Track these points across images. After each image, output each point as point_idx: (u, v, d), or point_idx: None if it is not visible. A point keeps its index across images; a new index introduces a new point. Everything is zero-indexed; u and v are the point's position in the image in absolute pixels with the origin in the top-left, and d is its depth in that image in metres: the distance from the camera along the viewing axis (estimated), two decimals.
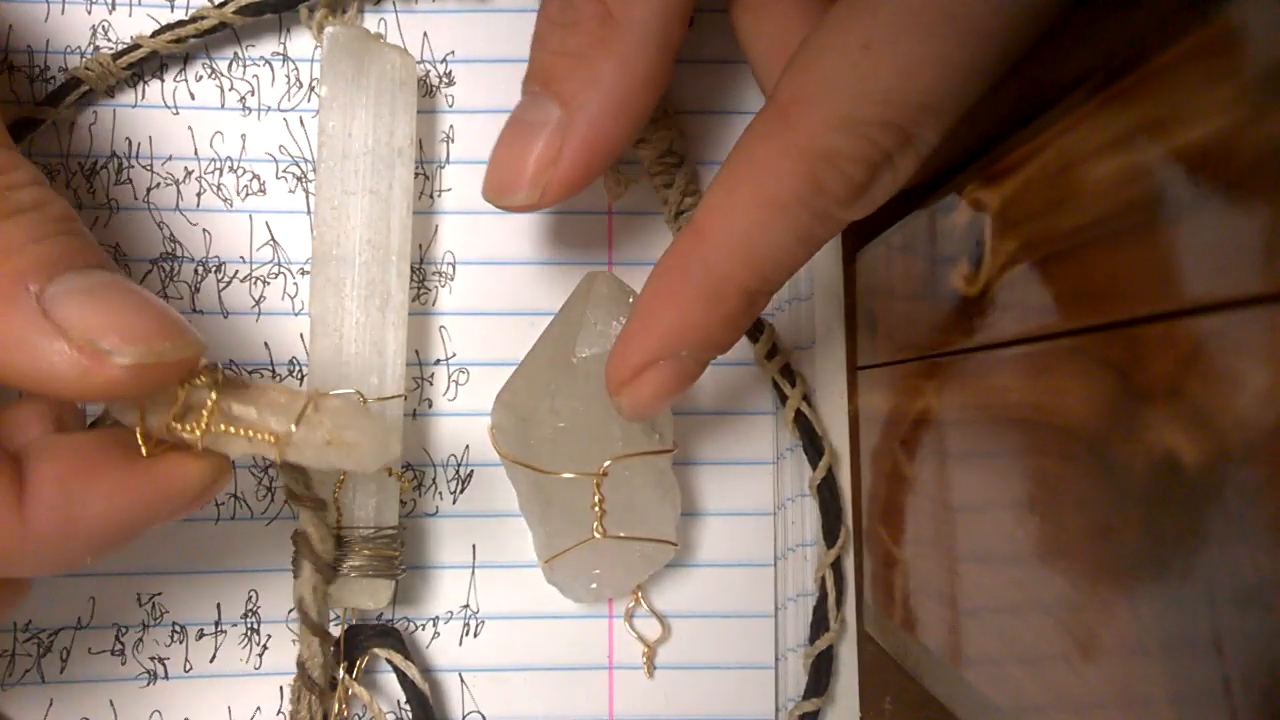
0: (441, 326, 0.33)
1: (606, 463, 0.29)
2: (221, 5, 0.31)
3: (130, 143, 0.32)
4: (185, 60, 0.33)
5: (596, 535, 0.29)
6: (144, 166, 0.32)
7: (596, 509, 0.29)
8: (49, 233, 0.21)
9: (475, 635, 0.32)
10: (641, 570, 0.31)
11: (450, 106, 0.33)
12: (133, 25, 0.32)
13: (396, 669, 0.30)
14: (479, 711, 0.32)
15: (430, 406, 0.33)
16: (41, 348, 0.19)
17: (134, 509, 0.21)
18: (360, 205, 0.30)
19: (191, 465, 0.22)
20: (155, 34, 0.31)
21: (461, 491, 0.32)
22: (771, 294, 0.24)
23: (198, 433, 0.22)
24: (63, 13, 0.32)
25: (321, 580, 0.29)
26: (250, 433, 0.22)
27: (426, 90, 0.33)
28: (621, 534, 0.29)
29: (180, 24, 0.31)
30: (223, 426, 0.22)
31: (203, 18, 0.31)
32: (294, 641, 0.31)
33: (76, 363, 0.20)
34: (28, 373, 0.20)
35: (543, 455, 0.29)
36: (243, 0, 0.31)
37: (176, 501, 0.22)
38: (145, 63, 0.32)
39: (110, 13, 0.32)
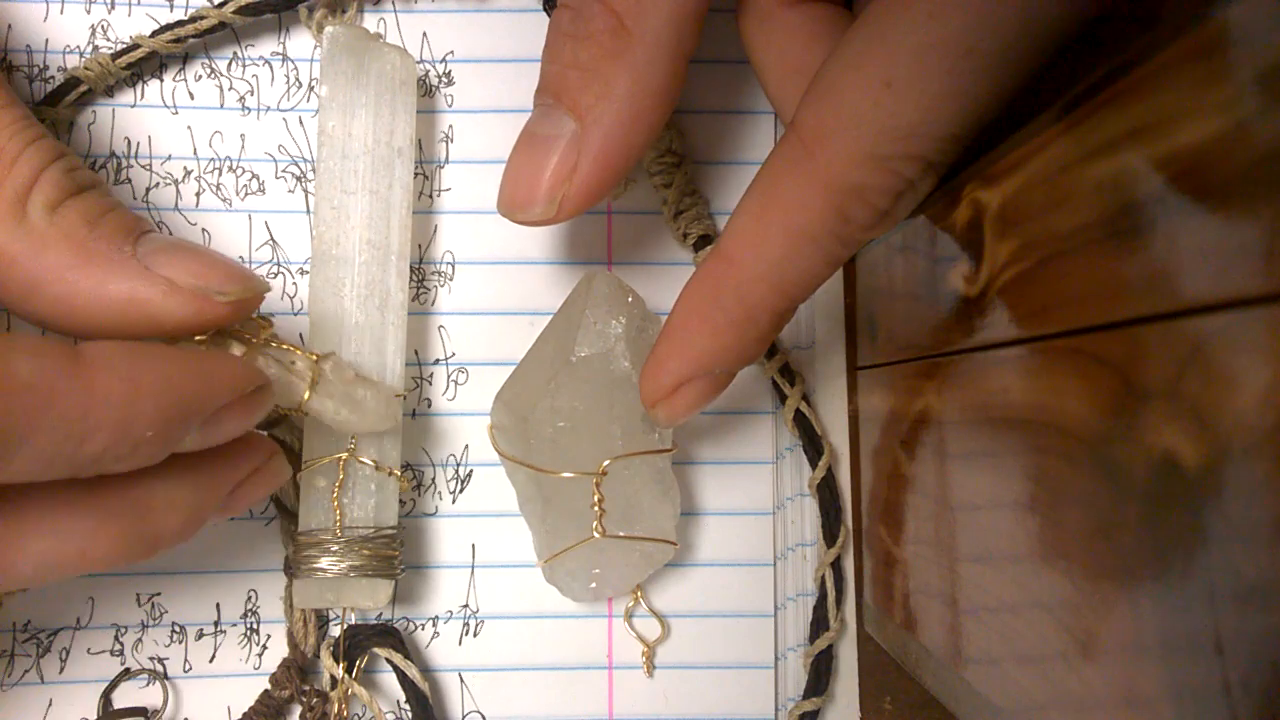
0: (441, 326, 0.33)
1: (606, 462, 0.29)
2: (221, 5, 0.31)
3: (129, 142, 0.32)
4: (184, 60, 0.33)
5: (596, 535, 0.29)
6: (143, 166, 0.32)
7: (596, 508, 0.29)
8: (114, 205, 0.25)
9: (475, 635, 0.32)
10: (641, 569, 0.31)
11: (450, 106, 0.33)
12: (132, 25, 0.32)
13: (396, 668, 0.30)
14: (478, 711, 0.32)
15: (429, 406, 0.33)
16: (155, 298, 0.23)
17: (189, 381, 0.22)
18: (360, 205, 0.30)
19: (233, 358, 0.25)
20: (155, 34, 0.31)
21: (461, 491, 0.32)
22: (797, 308, 0.25)
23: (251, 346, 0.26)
24: (62, 12, 0.32)
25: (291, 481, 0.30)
26: (286, 360, 0.26)
27: (426, 90, 0.33)
28: (621, 534, 0.29)
29: (179, 24, 0.31)
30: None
31: (202, 18, 0.31)
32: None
33: (187, 304, 0.23)
34: (144, 319, 0.23)
35: (542, 454, 0.29)
36: (242, 0, 0.31)
37: (226, 383, 0.23)
38: (144, 62, 0.32)
39: (109, 12, 0.32)
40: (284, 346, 0.26)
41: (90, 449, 0.20)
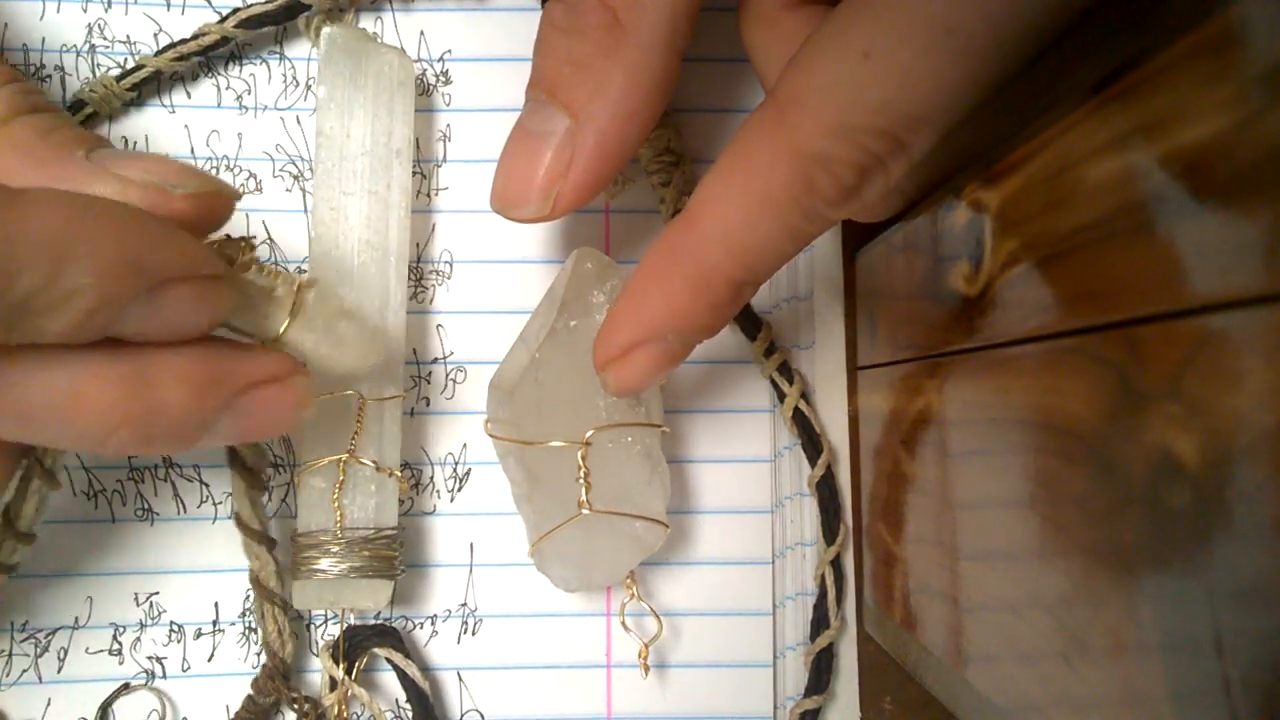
0: (439, 325, 0.33)
1: (590, 432, 0.28)
2: (223, 20, 0.31)
3: (126, 141, 0.32)
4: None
5: (584, 511, 0.28)
6: None
7: (582, 481, 0.28)
8: (69, 123, 0.25)
9: (473, 634, 0.32)
10: (632, 554, 0.30)
11: (447, 105, 0.33)
12: (129, 23, 0.32)
13: (396, 667, 0.30)
14: (477, 710, 0.32)
15: (428, 405, 0.33)
16: (108, 195, 0.23)
17: (133, 236, 0.21)
18: (358, 206, 0.30)
19: (188, 235, 0.23)
20: (159, 53, 0.31)
21: (459, 490, 0.32)
22: (759, 284, 0.25)
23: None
24: (59, 11, 0.32)
25: (256, 491, 0.31)
26: (267, 285, 0.25)
27: (423, 89, 0.33)
28: (609, 510, 0.29)
29: (183, 42, 0.31)
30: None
31: (205, 34, 0.31)
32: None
33: (142, 200, 0.23)
34: None
35: (528, 429, 0.29)
36: (244, 14, 0.31)
37: (176, 252, 0.22)
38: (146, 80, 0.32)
39: (106, 11, 0.32)
40: (266, 271, 0.25)
41: (19, 289, 0.19)
